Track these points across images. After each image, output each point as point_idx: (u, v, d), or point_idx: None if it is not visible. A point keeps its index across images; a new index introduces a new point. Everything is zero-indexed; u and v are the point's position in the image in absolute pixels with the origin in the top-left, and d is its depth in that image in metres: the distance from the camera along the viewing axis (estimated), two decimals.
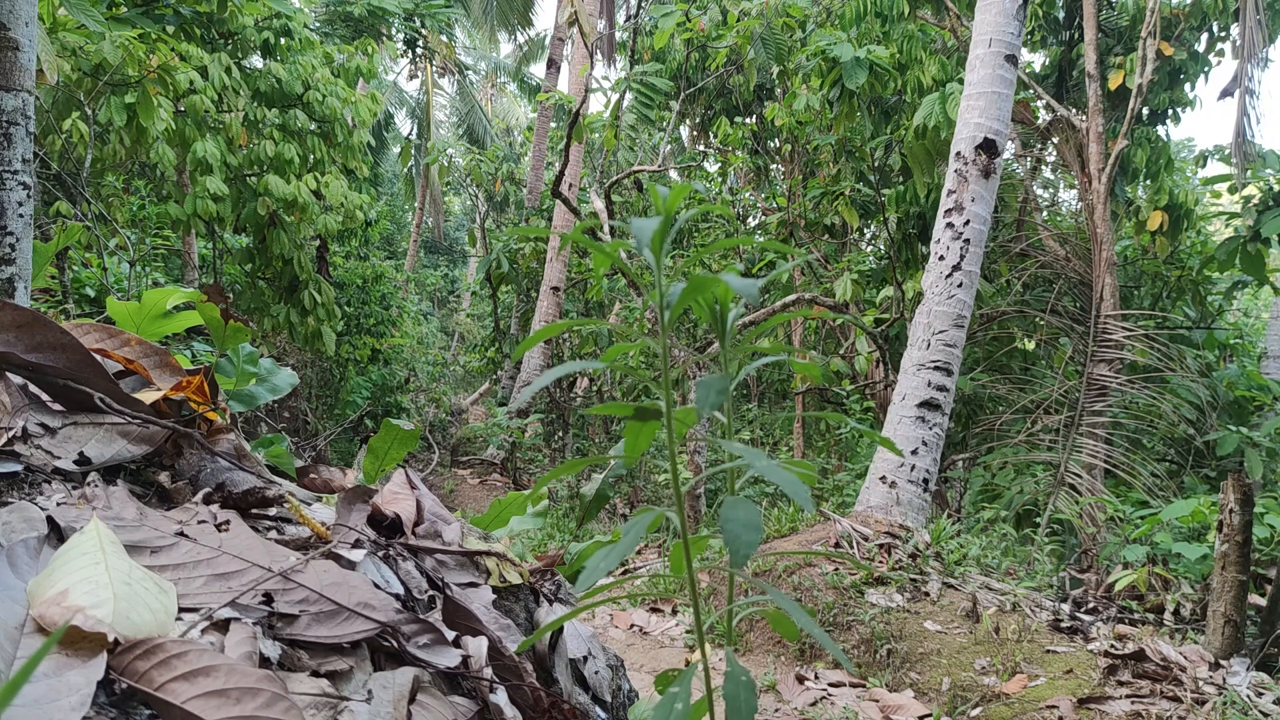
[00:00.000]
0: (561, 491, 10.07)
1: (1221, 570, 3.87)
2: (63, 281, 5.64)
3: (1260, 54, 7.69)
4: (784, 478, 0.72)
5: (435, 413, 13.28)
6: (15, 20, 2.37)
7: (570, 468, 0.90)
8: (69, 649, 0.66)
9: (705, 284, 0.77)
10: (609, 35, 12.44)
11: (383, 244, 17.57)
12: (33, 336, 1.04)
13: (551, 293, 12.48)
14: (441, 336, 21.03)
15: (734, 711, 0.74)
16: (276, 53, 8.67)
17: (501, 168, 16.00)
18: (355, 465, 1.63)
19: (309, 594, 0.87)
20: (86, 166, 6.03)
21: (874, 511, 5.29)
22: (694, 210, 0.87)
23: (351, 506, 1.16)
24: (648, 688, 2.17)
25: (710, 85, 11.25)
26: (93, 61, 5.96)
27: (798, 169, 10.76)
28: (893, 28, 8.67)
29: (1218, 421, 7.88)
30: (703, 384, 0.75)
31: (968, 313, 5.56)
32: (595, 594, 0.89)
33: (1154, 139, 8.97)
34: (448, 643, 0.94)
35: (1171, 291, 9.71)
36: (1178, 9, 8.95)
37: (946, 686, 3.88)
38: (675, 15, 10.01)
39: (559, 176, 8.44)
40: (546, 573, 1.37)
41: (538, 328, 12.02)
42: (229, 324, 1.61)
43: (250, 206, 8.27)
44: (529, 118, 24.12)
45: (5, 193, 2.37)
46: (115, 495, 0.95)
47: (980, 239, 5.57)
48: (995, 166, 5.59)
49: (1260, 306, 15.55)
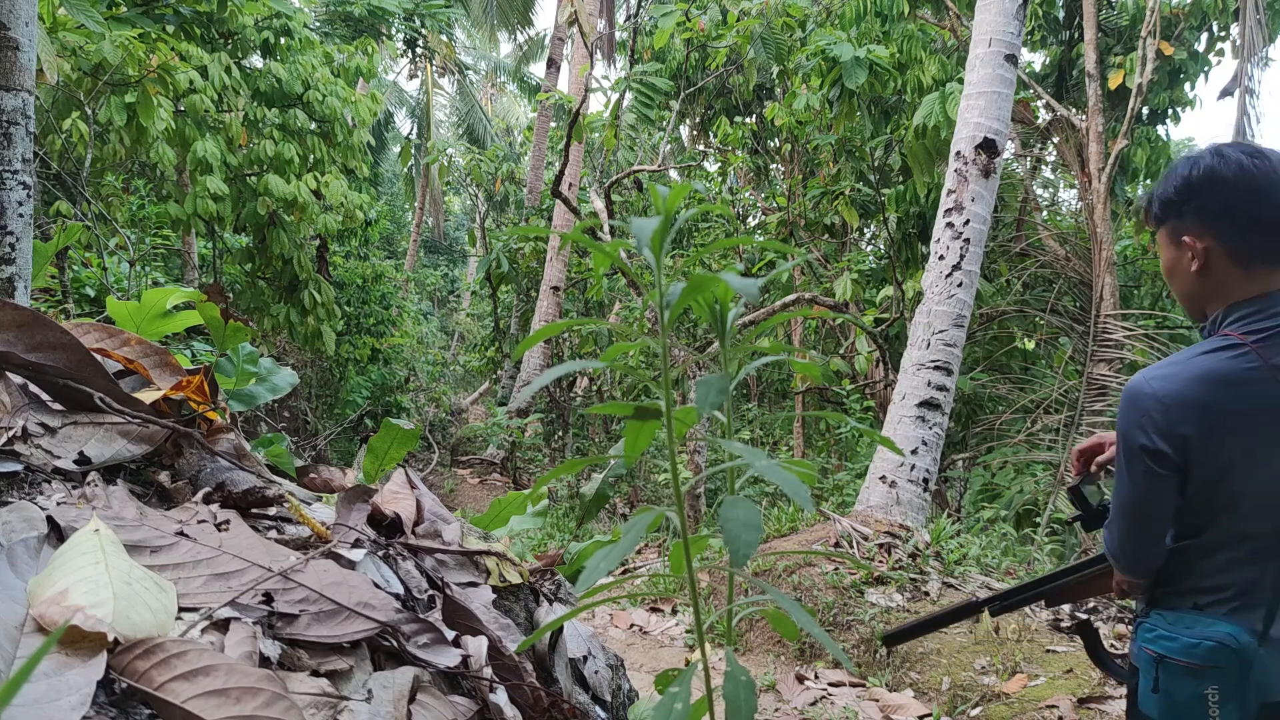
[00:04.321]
0: (561, 491, 10.08)
1: None
2: (63, 281, 5.64)
3: (1260, 53, 7.69)
4: (784, 477, 0.72)
5: (435, 412, 13.28)
6: (15, 20, 2.37)
7: (570, 467, 0.90)
8: (69, 648, 0.66)
9: (705, 283, 0.78)
10: (609, 35, 12.44)
11: (383, 244, 17.56)
12: (33, 336, 1.04)
13: (551, 292, 12.48)
14: (441, 336, 21.02)
15: (734, 711, 0.74)
16: (276, 52, 8.67)
17: (501, 167, 16.00)
18: (355, 465, 1.63)
19: (309, 593, 0.87)
20: (86, 166, 6.03)
21: (874, 511, 5.29)
22: (694, 210, 0.87)
23: (351, 506, 1.16)
24: (648, 687, 2.17)
25: (710, 85, 11.25)
26: (93, 61, 5.96)
27: (798, 169, 10.76)
28: (893, 27, 8.67)
29: None
30: (703, 384, 0.75)
31: (968, 312, 5.56)
32: (595, 594, 0.89)
33: (1154, 139, 8.98)
34: (448, 642, 0.94)
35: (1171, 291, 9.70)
36: (1178, 9, 8.95)
37: (946, 686, 3.88)
38: (675, 15, 10.01)
39: (559, 176, 8.44)
40: (546, 572, 1.37)
41: (538, 327, 12.01)
42: (229, 324, 1.61)
43: (250, 206, 8.27)
44: (529, 117, 24.11)
45: (5, 192, 2.37)
46: (115, 495, 0.95)
47: (980, 239, 5.57)
48: (995, 166, 5.59)
49: None
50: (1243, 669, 1.35)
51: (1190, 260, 1.42)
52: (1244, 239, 1.38)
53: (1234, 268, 1.39)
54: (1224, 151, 1.40)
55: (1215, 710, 1.36)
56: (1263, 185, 1.35)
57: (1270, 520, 1.38)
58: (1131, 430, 1.42)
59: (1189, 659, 1.39)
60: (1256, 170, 1.36)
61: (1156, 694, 1.43)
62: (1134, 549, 1.47)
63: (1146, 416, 1.39)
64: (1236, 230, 1.38)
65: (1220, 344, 1.38)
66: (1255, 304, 1.37)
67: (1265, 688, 1.36)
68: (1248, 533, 1.39)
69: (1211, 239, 1.40)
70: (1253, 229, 1.37)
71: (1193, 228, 1.42)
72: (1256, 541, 1.39)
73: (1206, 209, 1.40)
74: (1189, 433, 1.35)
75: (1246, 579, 1.39)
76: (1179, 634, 1.41)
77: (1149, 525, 1.44)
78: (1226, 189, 1.37)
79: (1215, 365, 1.36)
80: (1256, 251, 1.38)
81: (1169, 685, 1.41)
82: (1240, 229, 1.38)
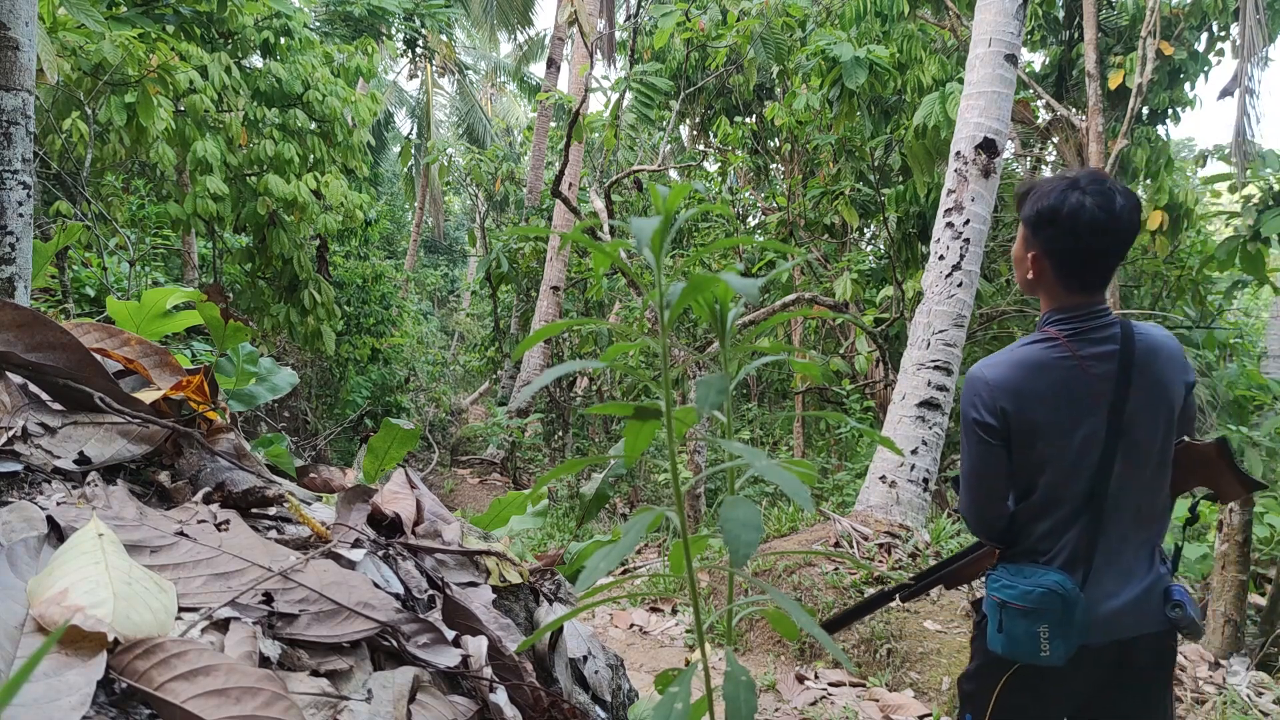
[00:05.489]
0: (561, 491, 10.07)
1: (1221, 570, 3.87)
2: (63, 281, 5.64)
3: (1260, 53, 7.69)
4: (784, 477, 0.72)
5: (435, 412, 13.28)
6: (15, 20, 2.37)
7: (570, 467, 0.90)
8: (69, 648, 0.66)
9: (705, 283, 0.77)
10: (609, 35, 12.44)
11: (383, 244, 17.54)
12: (33, 336, 1.04)
13: (551, 292, 12.48)
14: (441, 336, 21.01)
15: (734, 711, 0.74)
16: (276, 52, 8.67)
17: (501, 167, 15.99)
18: (355, 465, 1.63)
19: (309, 593, 0.87)
20: (86, 166, 6.03)
21: (874, 511, 5.28)
22: (694, 210, 0.87)
23: (351, 506, 1.16)
24: (648, 687, 2.17)
25: (710, 85, 11.25)
26: (93, 61, 5.96)
27: (798, 168, 10.76)
28: (893, 27, 8.67)
29: (1217, 421, 7.88)
30: (703, 383, 0.75)
31: (968, 312, 5.56)
32: (595, 594, 0.89)
33: (1154, 138, 8.97)
34: (447, 642, 0.94)
35: (1171, 291, 9.70)
36: (1178, 8, 8.95)
37: (946, 686, 3.88)
38: (675, 15, 10.00)
39: (559, 176, 8.43)
40: (546, 572, 1.37)
41: (538, 327, 12.01)
42: (229, 323, 1.61)
43: (250, 206, 8.27)
44: (529, 117, 24.11)
45: (5, 192, 2.37)
46: (115, 495, 0.95)
47: (980, 238, 5.56)
48: (995, 166, 5.58)
49: (1260, 306, 15.55)
50: (1068, 611, 1.60)
51: (1029, 266, 1.71)
52: (1068, 269, 1.67)
53: (1058, 285, 1.69)
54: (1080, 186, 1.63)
55: (1046, 646, 1.62)
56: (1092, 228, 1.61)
57: (1076, 485, 1.65)
58: (966, 408, 1.72)
59: (1024, 603, 1.64)
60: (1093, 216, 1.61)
61: (1001, 633, 1.68)
62: (977, 510, 1.75)
63: (977, 395, 1.69)
64: (1064, 261, 1.67)
65: (1039, 338, 1.70)
66: (1071, 311, 1.68)
67: (1085, 630, 1.62)
68: (1063, 497, 1.67)
69: (1046, 261, 1.69)
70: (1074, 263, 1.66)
71: (1035, 247, 1.70)
72: (1070, 504, 1.66)
73: (1048, 239, 1.67)
74: (1008, 407, 1.65)
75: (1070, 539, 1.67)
76: (1018, 583, 1.66)
77: (985, 487, 1.72)
78: (1065, 228, 1.63)
79: (1032, 354, 1.67)
80: (1075, 279, 1.67)
81: (1010, 625, 1.66)
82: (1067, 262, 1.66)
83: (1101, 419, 1.64)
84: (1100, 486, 1.65)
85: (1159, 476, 1.70)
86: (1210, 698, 3.43)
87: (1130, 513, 1.67)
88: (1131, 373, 1.64)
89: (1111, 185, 1.62)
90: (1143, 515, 1.69)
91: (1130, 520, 1.68)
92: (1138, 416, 1.64)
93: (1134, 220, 1.63)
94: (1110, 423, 1.63)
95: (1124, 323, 1.68)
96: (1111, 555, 1.67)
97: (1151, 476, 1.69)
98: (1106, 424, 1.63)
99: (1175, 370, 1.68)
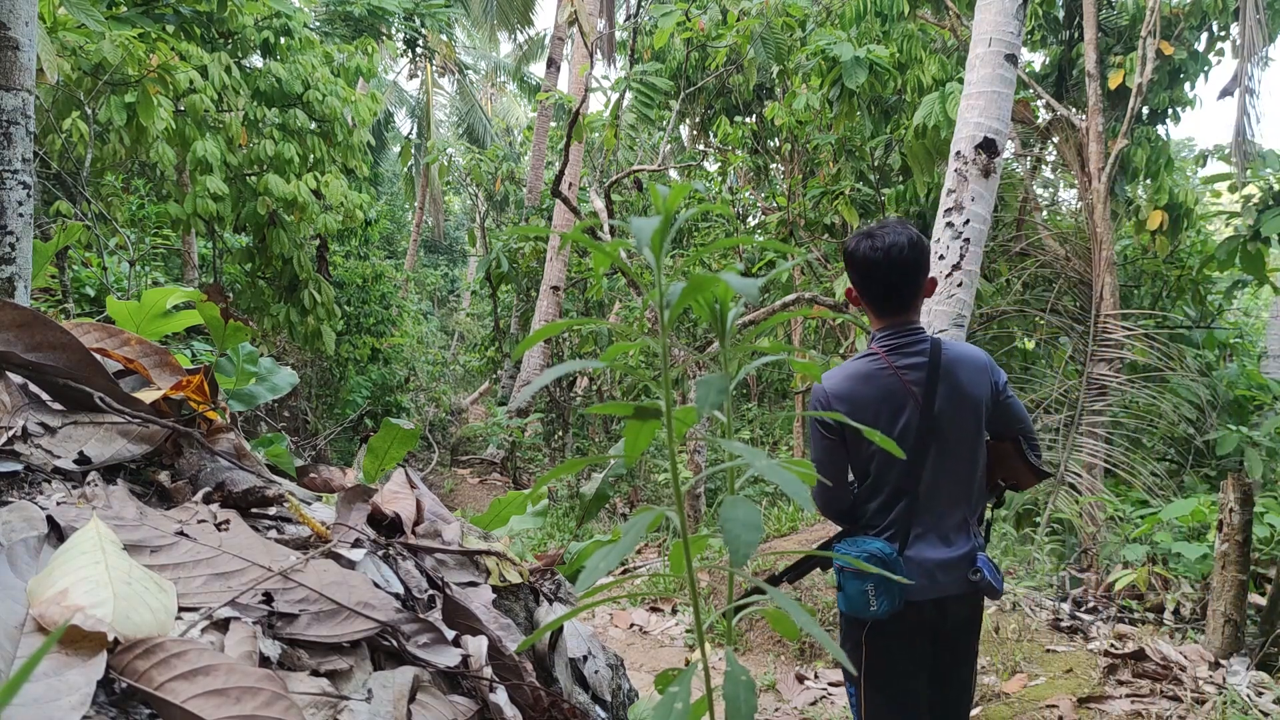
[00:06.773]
0: (561, 491, 10.07)
1: (1221, 569, 3.87)
2: (63, 281, 5.64)
3: (1260, 53, 7.69)
4: (784, 477, 0.72)
5: (435, 412, 13.27)
6: (15, 19, 2.37)
7: (570, 467, 0.90)
8: (69, 648, 0.66)
9: (705, 283, 0.77)
10: (609, 35, 12.44)
11: (383, 243, 17.53)
12: (33, 336, 1.04)
13: (551, 292, 12.48)
14: (441, 336, 21.00)
15: (734, 711, 0.74)
16: (276, 52, 8.66)
17: (501, 167, 15.99)
18: (355, 465, 1.63)
19: (309, 593, 0.87)
20: (86, 166, 6.02)
21: None
22: (694, 210, 0.87)
23: (351, 506, 1.16)
24: (648, 687, 2.17)
25: (710, 85, 11.24)
26: (93, 61, 5.96)
27: (798, 168, 10.76)
28: (893, 27, 8.66)
29: (1218, 421, 7.88)
30: (703, 383, 0.75)
31: (968, 312, 5.56)
32: (595, 593, 0.89)
33: (1154, 138, 8.97)
34: (447, 642, 0.94)
35: (1171, 291, 9.70)
36: (1178, 8, 8.94)
37: None
38: (675, 15, 10.00)
39: (559, 176, 8.43)
40: (546, 572, 1.37)
41: (538, 327, 12.01)
42: (229, 323, 1.61)
43: (250, 206, 8.26)
44: (529, 117, 24.10)
45: (5, 192, 2.37)
46: (115, 495, 0.95)
47: (980, 238, 5.56)
48: (995, 166, 5.58)
49: (1260, 306, 15.54)
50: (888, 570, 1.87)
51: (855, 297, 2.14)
52: (870, 298, 2.11)
53: (871, 310, 2.13)
54: (870, 234, 2.07)
55: (873, 601, 1.96)
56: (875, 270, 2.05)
57: (893, 472, 2.03)
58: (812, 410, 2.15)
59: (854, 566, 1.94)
60: (872, 260, 2.04)
61: (841, 593, 2.05)
62: (823, 494, 2.11)
63: (819, 401, 2.09)
64: (866, 292, 2.11)
65: (866, 354, 2.11)
66: (887, 330, 2.10)
67: (908, 589, 1.96)
68: (888, 480, 2.04)
69: (858, 292, 2.13)
70: (874, 293, 2.10)
71: (850, 280, 2.14)
72: (893, 485, 2.04)
73: (852, 277, 2.12)
74: (841, 409, 2.00)
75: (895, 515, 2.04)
76: (851, 550, 2.03)
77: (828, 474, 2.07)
78: (858, 269, 2.08)
79: (860, 367, 2.08)
80: (880, 305, 2.11)
81: (846, 586, 2.02)
82: (868, 292, 2.11)
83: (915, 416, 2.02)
84: (916, 471, 2.01)
85: (972, 462, 2.09)
86: (1210, 698, 3.43)
87: (945, 493, 2.05)
88: (938, 379, 2.03)
89: (893, 230, 2.03)
90: (958, 495, 2.07)
91: (946, 499, 2.05)
92: (945, 414, 2.02)
93: (909, 256, 2.02)
94: (922, 419, 2.01)
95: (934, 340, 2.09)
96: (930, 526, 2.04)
97: (963, 462, 2.07)
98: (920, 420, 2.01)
99: (978, 375, 2.09)
